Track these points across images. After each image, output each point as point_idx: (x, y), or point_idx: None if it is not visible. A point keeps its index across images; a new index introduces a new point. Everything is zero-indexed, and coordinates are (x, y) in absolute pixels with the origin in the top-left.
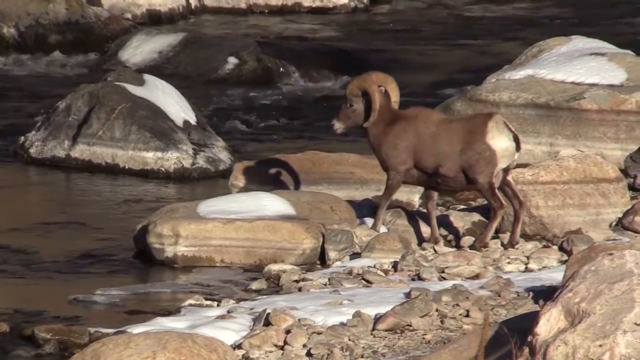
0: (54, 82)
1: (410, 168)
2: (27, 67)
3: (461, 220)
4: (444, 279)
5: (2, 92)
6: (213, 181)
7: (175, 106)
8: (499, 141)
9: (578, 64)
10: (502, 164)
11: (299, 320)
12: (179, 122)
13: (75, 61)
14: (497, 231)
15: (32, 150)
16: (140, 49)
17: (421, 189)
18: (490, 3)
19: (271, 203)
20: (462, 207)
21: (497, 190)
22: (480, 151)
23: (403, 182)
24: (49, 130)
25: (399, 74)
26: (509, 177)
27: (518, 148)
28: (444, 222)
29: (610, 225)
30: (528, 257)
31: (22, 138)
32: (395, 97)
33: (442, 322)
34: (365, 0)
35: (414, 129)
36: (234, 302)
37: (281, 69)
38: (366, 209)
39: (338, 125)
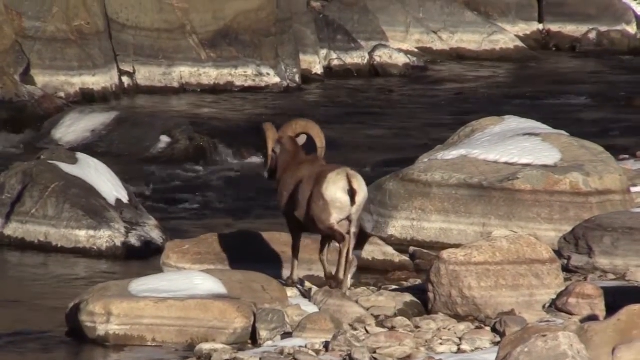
0: None
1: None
2: None
3: (393, 300)
4: (376, 359)
5: None
6: (145, 260)
7: (108, 184)
8: (332, 192)
9: (511, 144)
10: (337, 215)
11: None
12: (112, 201)
13: (9, 139)
14: (429, 312)
15: None
16: (74, 128)
17: (354, 269)
18: (423, 83)
19: (203, 282)
20: (394, 287)
21: (336, 227)
22: (316, 200)
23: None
24: None
25: (330, 153)
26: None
27: (353, 202)
28: (376, 302)
29: (543, 307)
30: (460, 338)
31: None
32: (320, 143)
33: None
34: (297, 80)
35: (295, 175)
36: None
37: (213, 147)
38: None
39: (265, 172)
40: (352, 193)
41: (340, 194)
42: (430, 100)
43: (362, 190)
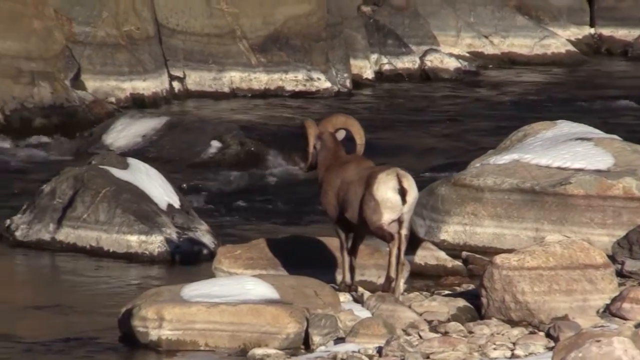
0: (38, 166)
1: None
2: (12, 151)
3: (446, 305)
4: None
5: None
6: (197, 265)
7: (159, 189)
8: (383, 192)
9: (564, 148)
10: (389, 216)
11: None
12: (163, 206)
13: (60, 144)
14: (482, 317)
15: (17, 233)
16: (124, 133)
17: (406, 274)
18: (474, 88)
19: (255, 287)
20: (447, 292)
21: (386, 227)
22: (368, 201)
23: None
24: (34, 213)
25: (381, 158)
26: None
27: (404, 202)
28: (429, 307)
29: (597, 312)
30: (514, 343)
31: (8, 221)
32: (359, 140)
33: None
34: (348, 84)
35: (342, 175)
36: None
37: (264, 152)
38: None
39: (302, 166)
40: (402, 192)
41: (391, 194)
42: (482, 105)
43: (412, 190)
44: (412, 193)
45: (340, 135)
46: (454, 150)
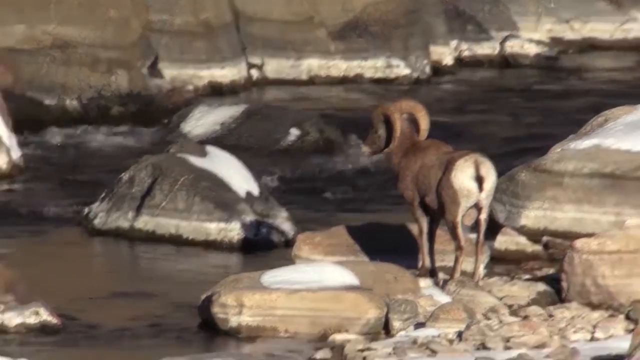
0: (116, 154)
1: (416, 199)
2: (89, 139)
3: (527, 289)
4: (509, 348)
5: (65, 164)
6: (276, 252)
7: (238, 177)
8: (460, 180)
9: None
10: (465, 204)
11: None
12: (242, 193)
13: (138, 133)
14: (563, 300)
15: (96, 221)
16: (202, 121)
17: (486, 259)
18: (554, 73)
19: (335, 273)
20: (527, 277)
21: (459, 231)
22: (446, 188)
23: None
24: (112, 201)
25: (464, 144)
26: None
27: (481, 189)
28: (509, 291)
29: None
30: (594, 326)
31: (87, 209)
32: (424, 125)
33: None
34: (427, 71)
35: (421, 159)
36: None
37: (343, 139)
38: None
39: (365, 149)
40: (480, 180)
41: (468, 182)
42: (562, 90)
43: (490, 177)
44: (490, 180)
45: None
46: (533, 136)
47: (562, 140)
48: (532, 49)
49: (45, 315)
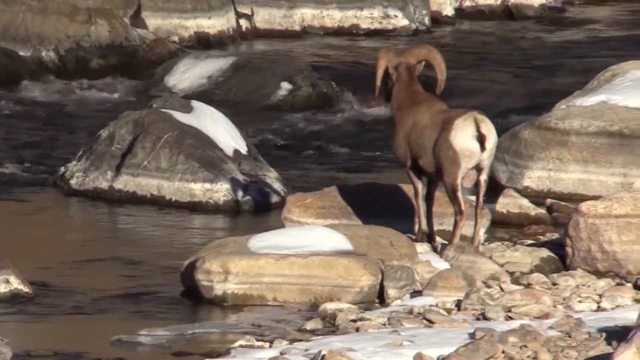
0: (95, 109)
1: (408, 159)
2: (67, 93)
3: (529, 256)
4: (511, 318)
5: (41, 120)
6: (265, 214)
7: (225, 135)
8: (460, 140)
9: None
10: (466, 165)
11: None
12: (229, 152)
13: (119, 87)
14: (567, 268)
15: (72, 182)
16: (188, 74)
17: (487, 223)
18: (559, 26)
19: (327, 237)
20: (530, 242)
21: (459, 194)
22: (445, 149)
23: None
24: (90, 160)
25: (462, 99)
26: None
27: (483, 149)
28: (511, 257)
29: None
30: (600, 296)
31: (62, 168)
32: (441, 74)
33: None
34: (426, 22)
35: (413, 116)
36: (287, 343)
37: (337, 94)
38: None
39: (371, 98)
40: (481, 139)
41: (469, 142)
42: (568, 44)
43: (492, 135)
44: (492, 138)
45: (419, 68)
46: (537, 92)
47: (568, 97)
48: (536, 0)
49: (16, 284)
